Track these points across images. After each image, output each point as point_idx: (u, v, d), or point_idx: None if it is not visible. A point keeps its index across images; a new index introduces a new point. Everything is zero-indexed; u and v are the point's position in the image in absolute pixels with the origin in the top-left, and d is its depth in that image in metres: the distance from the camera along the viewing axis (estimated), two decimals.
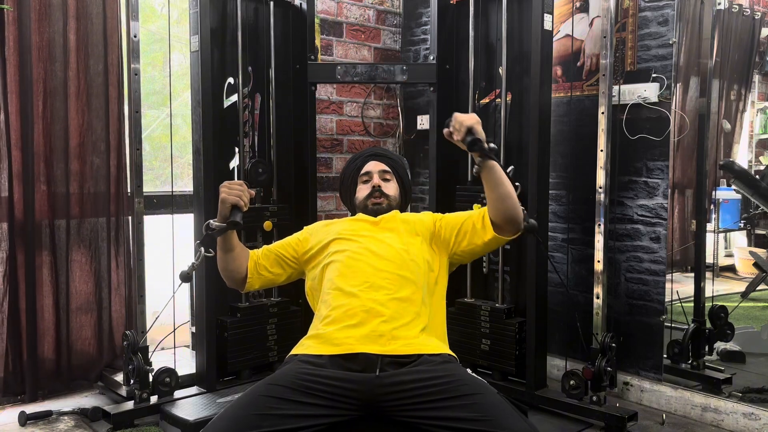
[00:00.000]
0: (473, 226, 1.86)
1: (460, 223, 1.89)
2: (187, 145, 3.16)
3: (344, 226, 1.95)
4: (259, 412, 1.52)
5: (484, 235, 1.84)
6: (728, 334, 2.84)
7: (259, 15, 2.87)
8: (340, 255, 1.85)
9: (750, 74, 2.97)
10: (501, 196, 1.77)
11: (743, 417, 2.48)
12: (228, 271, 1.89)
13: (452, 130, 1.74)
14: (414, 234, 1.91)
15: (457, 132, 1.72)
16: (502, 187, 1.76)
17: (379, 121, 3.78)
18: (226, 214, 1.76)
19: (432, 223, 1.94)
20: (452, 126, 1.73)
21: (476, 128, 1.70)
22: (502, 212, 1.79)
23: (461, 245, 1.89)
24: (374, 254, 1.83)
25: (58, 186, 2.76)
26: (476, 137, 1.69)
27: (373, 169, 2.04)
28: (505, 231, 1.82)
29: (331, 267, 1.85)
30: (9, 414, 2.59)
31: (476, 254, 1.95)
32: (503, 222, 1.80)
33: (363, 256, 1.83)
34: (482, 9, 2.84)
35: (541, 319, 2.65)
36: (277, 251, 1.95)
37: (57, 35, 2.71)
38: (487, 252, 1.84)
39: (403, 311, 1.73)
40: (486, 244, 1.86)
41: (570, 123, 3.00)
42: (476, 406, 1.51)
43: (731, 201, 2.97)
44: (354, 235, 1.89)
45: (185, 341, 3.16)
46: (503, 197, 1.77)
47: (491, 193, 1.78)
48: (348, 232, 1.91)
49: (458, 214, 1.95)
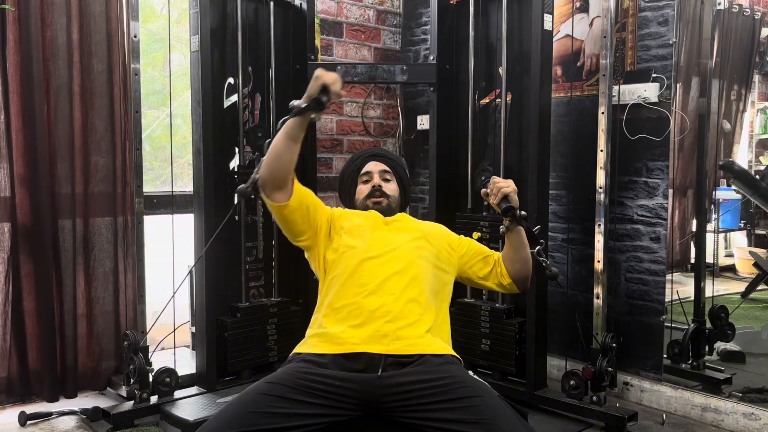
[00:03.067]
0: (494, 265, 1.97)
1: (483, 253, 2.00)
2: (187, 145, 3.16)
3: (358, 221, 1.94)
4: (258, 410, 1.52)
5: (503, 279, 1.96)
6: (728, 334, 2.84)
7: (259, 15, 2.87)
8: (350, 251, 1.85)
9: (750, 74, 2.97)
10: (521, 259, 1.91)
11: (743, 417, 2.48)
12: (283, 162, 1.75)
13: (489, 192, 1.83)
14: (423, 237, 1.92)
15: (494, 197, 1.82)
16: (524, 251, 1.90)
17: (379, 121, 3.78)
18: (313, 94, 1.66)
19: (449, 234, 2.03)
20: (490, 189, 1.83)
21: (512, 197, 1.81)
22: (518, 273, 1.93)
23: (477, 272, 1.99)
24: (382, 254, 1.83)
25: (62, 186, 2.74)
26: (510, 205, 1.81)
27: (373, 169, 2.04)
28: (517, 287, 1.97)
29: (339, 263, 1.84)
30: (9, 414, 2.59)
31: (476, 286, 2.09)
32: (517, 280, 1.95)
33: (371, 255, 1.83)
34: (482, 9, 2.84)
35: (541, 319, 2.65)
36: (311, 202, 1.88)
37: (59, 34, 2.70)
38: None
39: (408, 311, 1.74)
40: (499, 286, 1.98)
41: (570, 123, 3.00)
42: (476, 408, 1.51)
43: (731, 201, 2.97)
44: (365, 233, 1.89)
45: (185, 341, 3.16)
46: (523, 260, 1.92)
47: (514, 254, 1.92)
48: (360, 228, 1.91)
49: (478, 244, 2.05)
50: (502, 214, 1.83)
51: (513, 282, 1.94)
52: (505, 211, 1.81)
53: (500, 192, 1.80)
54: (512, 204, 1.80)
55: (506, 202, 1.80)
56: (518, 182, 2.69)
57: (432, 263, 1.88)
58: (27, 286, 2.69)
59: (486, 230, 2.74)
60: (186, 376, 2.70)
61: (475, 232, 2.75)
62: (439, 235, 1.99)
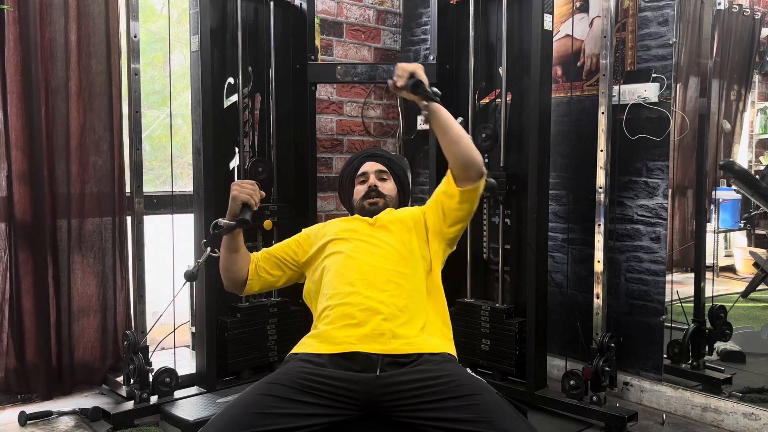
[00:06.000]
0: (444, 193, 1.86)
1: (436, 200, 1.90)
2: (187, 145, 3.16)
3: (340, 226, 1.95)
4: (258, 411, 1.52)
5: (453, 193, 1.82)
6: (728, 334, 2.84)
7: (259, 15, 2.87)
8: (337, 256, 1.85)
9: (750, 74, 2.97)
10: (452, 140, 1.77)
11: (743, 417, 2.48)
12: (230, 272, 1.89)
13: (395, 78, 1.75)
14: (407, 230, 1.90)
15: (400, 78, 1.74)
16: (452, 130, 1.77)
17: (379, 121, 3.78)
18: (236, 212, 1.76)
19: (421, 213, 1.94)
20: (395, 75, 1.75)
21: (418, 72, 1.73)
22: (457, 157, 1.78)
23: (447, 221, 1.89)
24: (371, 253, 1.83)
25: (60, 186, 2.75)
26: (418, 79, 1.71)
27: (369, 169, 2.04)
28: (468, 180, 1.80)
29: (329, 268, 1.85)
30: (9, 414, 2.60)
31: (462, 219, 1.90)
32: (462, 169, 1.79)
33: (360, 255, 1.83)
34: (482, 9, 2.84)
35: (541, 319, 2.65)
36: (277, 254, 1.95)
37: (58, 35, 2.71)
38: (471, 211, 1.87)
39: (402, 308, 1.73)
40: (459, 204, 1.84)
41: (570, 123, 2.99)
42: (475, 406, 1.51)
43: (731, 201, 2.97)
44: (350, 235, 1.89)
45: (185, 341, 3.16)
46: (454, 140, 1.77)
47: (443, 138, 1.78)
48: (344, 232, 1.91)
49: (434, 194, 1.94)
50: (412, 92, 1.74)
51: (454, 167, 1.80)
52: (414, 87, 1.72)
53: (405, 71, 1.73)
54: (420, 79, 1.72)
55: (413, 78, 1.72)
56: (518, 182, 2.73)
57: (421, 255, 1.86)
58: (25, 285, 2.69)
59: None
60: (186, 376, 2.70)
61: None
62: (419, 220, 1.93)
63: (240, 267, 1.89)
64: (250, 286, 1.92)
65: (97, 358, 2.88)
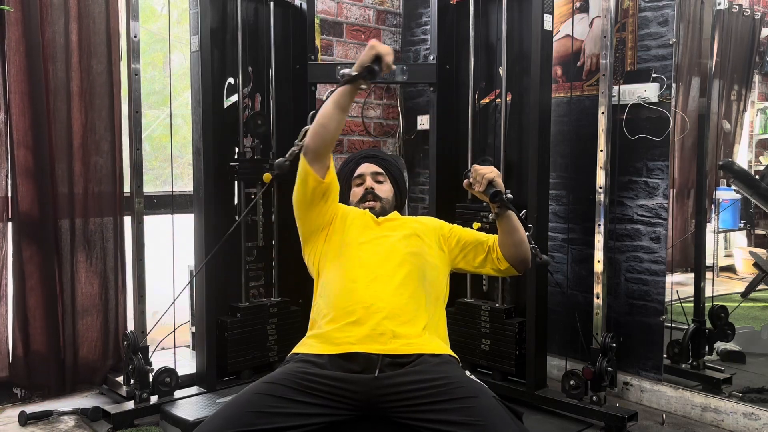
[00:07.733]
0: (488, 251, 1.95)
1: (476, 240, 1.97)
2: (187, 145, 3.16)
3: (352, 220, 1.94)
4: (255, 410, 1.52)
5: (500, 264, 1.93)
6: (728, 334, 2.84)
7: (259, 15, 2.87)
8: (343, 249, 1.85)
9: (750, 74, 2.97)
10: (515, 242, 1.88)
11: (743, 417, 2.48)
12: (329, 132, 1.79)
13: (472, 181, 1.80)
14: (415, 235, 1.92)
15: (478, 184, 1.79)
16: (517, 234, 1.87)
17: (379, 121, 3.78)
18: (366, 63, 1.67)
19: (440, 227, 2.00)
20: (471, 178, 1.80)
21: (497, 181, 1.78)
22: (515, 256, 1.90)
23: (470, 261, 1.96)
24: (375, 253, 1.84)
25: (62, 185, 2.75)
26: (497, 189, 1.78)
27: (365, 171, 2.05)
28: (515, 269, 1.95)
29: (333, 262, 1.85)
30: (9, 414, 2.60)
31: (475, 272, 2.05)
32: (514, 263, 1.92)
33: (364, 253, 1.83)
34: (482, 9, 2.84)
35: (541, 319, 2.65)
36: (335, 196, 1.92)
37: (58, 35, 2.71)
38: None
39: (403, 308, 1.74)
40: (497, 271, 1.97)
41: (570, 123, 3.00)
42: (471, 409, 1.51)
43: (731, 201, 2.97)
44: (357, 232, 1.90)
45: (185, 341, 3.16)
46: (517, 243, 1.88)
47: (507, 239, 1.89)
48: (353, 228, 1.91)
49: (471, 231, 2.02)
50: (490, 201, 1.80)
51: (511, 266, 1.92)
52: (493, 196, 1.77)
53: (484, 178, 1.77)
54: (498, 188, 1.77)
55: (492, 188, 1.77)
56: (518, 182, 2.73)
57: (425, 260, 1.88)
58: (27, 285, 2.69)
59: (486, 221, 2.73)
60: (186, 376, 2.70)
61: (475, 222, 2.74)
62: (432, 229, 1.98)
63: (337, 128, 1.81)
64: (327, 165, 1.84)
65: (99, 358, 2.88)
